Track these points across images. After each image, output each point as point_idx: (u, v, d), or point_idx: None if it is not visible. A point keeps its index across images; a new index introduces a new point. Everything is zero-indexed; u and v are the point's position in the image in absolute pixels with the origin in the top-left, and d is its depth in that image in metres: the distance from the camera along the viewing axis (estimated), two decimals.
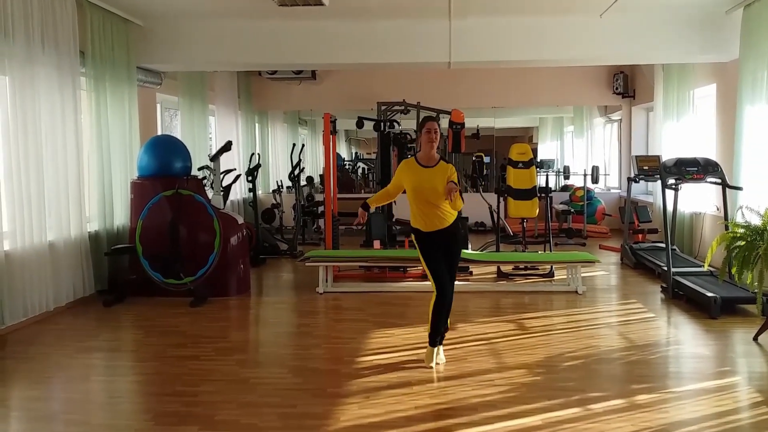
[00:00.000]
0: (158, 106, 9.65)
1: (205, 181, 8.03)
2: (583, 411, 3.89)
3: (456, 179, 4.65)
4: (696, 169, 7.24)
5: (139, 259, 6.91)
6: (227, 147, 8.14)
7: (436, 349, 4.79)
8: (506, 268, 8.15)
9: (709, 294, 6.10)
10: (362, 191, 14.43)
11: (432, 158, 4.72)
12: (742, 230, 5.25)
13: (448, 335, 5.00)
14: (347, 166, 15.56)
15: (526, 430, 3.63)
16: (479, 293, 7.29)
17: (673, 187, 7.46)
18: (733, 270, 5.30)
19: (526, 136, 16.04)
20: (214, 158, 8.19)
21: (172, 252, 6.91)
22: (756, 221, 5.27)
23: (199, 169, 8.49)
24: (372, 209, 5.04)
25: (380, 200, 5.08)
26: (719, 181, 7.18)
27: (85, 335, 5.82)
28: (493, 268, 8.21)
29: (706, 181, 7.29)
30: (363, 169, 15.69)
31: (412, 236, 4.85)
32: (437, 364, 4.76)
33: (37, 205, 6.15)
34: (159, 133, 9.30)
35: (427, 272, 4.78)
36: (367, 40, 8.26)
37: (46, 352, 5.27)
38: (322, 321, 6.48)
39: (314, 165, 15.04)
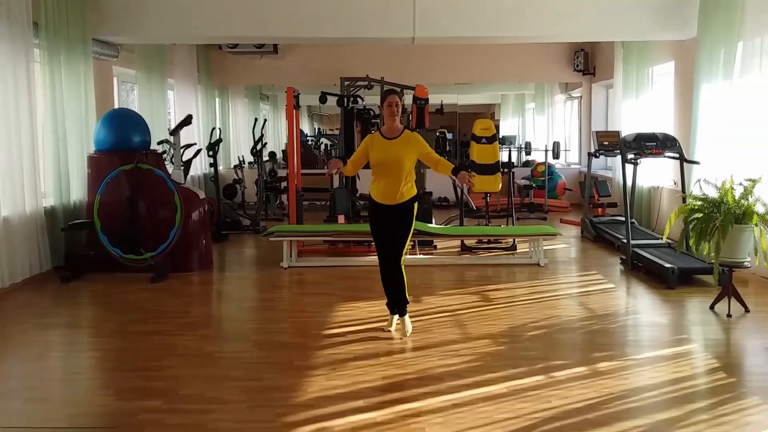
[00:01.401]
0: (115, 79, 9.41)
1: (164, 155, 7.87)
2: (546, 379, 3.96)
3: (425, 145, 4.74)
4: (655, 144, 7.36)
5: (98, 235, 6.76)
6: (187, 121, 7.99)
7: (393, 316, 4.94)
8: (470, 242, 8.20)
9: (667, 265, 6.24)
10: (325, 167, 14.31)
11: (396, 129, 4.75)
12: (699, 203, 5.35)
13: (412, 307, 5.03)
14: (310, 142, 15.43)
15: (492, 398, 3.67)
16: (443, 266, 7.33)
17: (633, 161, 7.58)
18: (691, 241, 5.42)
19: (488, 112, 16.09)
20: (174, 132, 8.04)
21: (132, 227, 6.78)
22: (713, 194, 5.38)
23: (159, 143, 8.32)
24: (345, 168, 4.82)
25: (350, 171, 4.94)
26: (677, 155, 7.32)
27: (42, 312, 5.69)
28: (457, 242, 8.25)
29: (665, 156, 7.42)
30: (326, 144, 15.58)
31: (369, 205, 4.94)
32: (406, 335, 4.79)
33: None
34: (116, 107, 9.07)
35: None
36: (330, 14, 8.12)
37: (1, 329, 5.14)
38: (286, 295, 6.45)
39: (276, 140, 14.87)
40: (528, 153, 12.70)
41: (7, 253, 6.17)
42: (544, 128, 14.43)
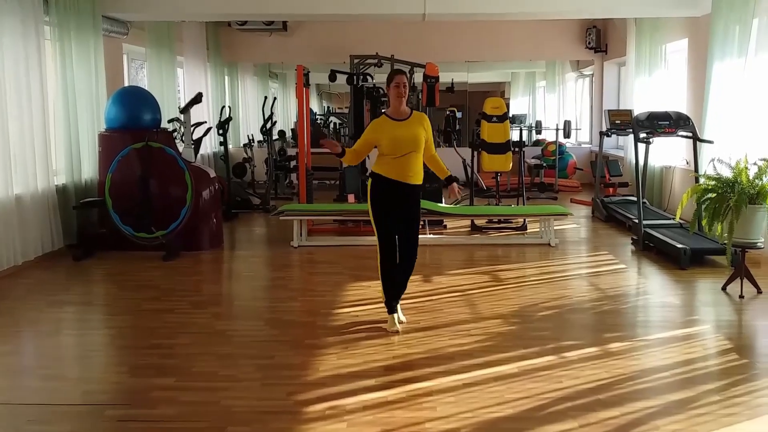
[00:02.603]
0: (124, 57, 9.38)
1: (175, 133, 7.87)
2: (558, 359, 3.96)
3: (430, 131, 4.55)
4: (668, 122, 7.29)
5: (109, 213, 6.78)
6: (198, 99, 7.96)
7: (395, 315, 4.55)
8: (480, 222, 8.19)
9: (679, 245, 6.21)
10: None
11: (404, 112, 4.44)
12: (713, 182, 5.31)
13: (423, 287, 5.02)
14: (319, 121, 15.38)
15: (503, 378, 3.68)
16: (453, 246, 7.33)
17: (645, 140, 7.51)
18: (704, 222, 5.38)
19: (498, 90, 15.96)
20: (185, 110, 8.01)
21: (143, 205, 6.80)
22: (727, 173, 5.33)
23: (169, 122, 8.31)
24: (345, 157, 4.55)
25: (350, 161, 4.71)
26: (690, 134, 7.25)
27: (55, 289, 5.73)
28: (467, 222, 8.24)
29: (678, 135, 7.35)
30: (335, 123, 15.52)
31: (369, 185, 4.49)
32: (401, 323, 4.57)
33: (2, 159, 5.99)
34: (126, 84, 9.05)
35: (374, 227, 4.46)
36: None
37: (15, 306, 5.20)
38: (297, 274, 6.47)
39: (285, 119, 14.83)
40: (539, 132, 12.62)
41: (20, 231, 6.20)
42: (555, 107, 14.32)
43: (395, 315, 4.55)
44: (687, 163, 8.38)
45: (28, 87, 6.35)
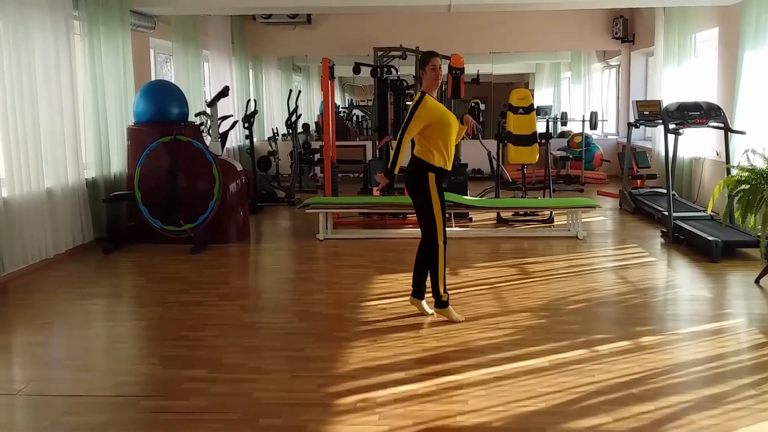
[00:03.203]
0: (151, 51, 9.45)
1: (202, 127, 7.91)
2: (589, 353, 3.92)
3: None
4: (698, 113, 7.18)
5: (138, 206, 6.85)
6: (224, 92, 7.99)
7: (450, 308, 4.57)
8: (506, 215, 8.13)
9: (710, 237, 6.11)
10: (357, 138, 14.30)
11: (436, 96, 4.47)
12: (746, 173, 5.22)
13: (450, 280, 4.97)
14: (342, 114, 15.38)
15: (534, 372, 3.66)
16: (479, 239, 7.29)
17: (675, 131, 7.40)
18: (737, 214, 5.30)
19: (523, 82, 15.86)
20: (212, 104, 8.05)
21: (171, 199, 6.85)
22: (761, 164, 5.24)
23: (196, 115, 8.36)
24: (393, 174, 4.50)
25: (404, 153, 4.43)
26: (722, 125, 7.13)
27: (85, 282, 5.80)
28: (493, 215, 8.19)
29: (709, 126, 7.23)
30: (358, 116, 15.52)
31: (430, 178, 4.37)
32: (432, 314, 4.60)
33: (34, 152, 6.05)
34: (152, 78, 9.12)
35: (441, 223, 4.41)
36: None
37: (47, 299, 5.26)
38: (323, 267, 6.48)
39: (309, 112, 14.86)
40: (564, 123, 12.49)
41: (51, 224, 6.27)
42: (581, 98, 14.17)
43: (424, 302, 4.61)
44: (717, 154, 8.26)
45: (58, 82, 6.42)
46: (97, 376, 3.81)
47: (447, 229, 4.50)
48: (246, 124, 9.74)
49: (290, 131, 10.85)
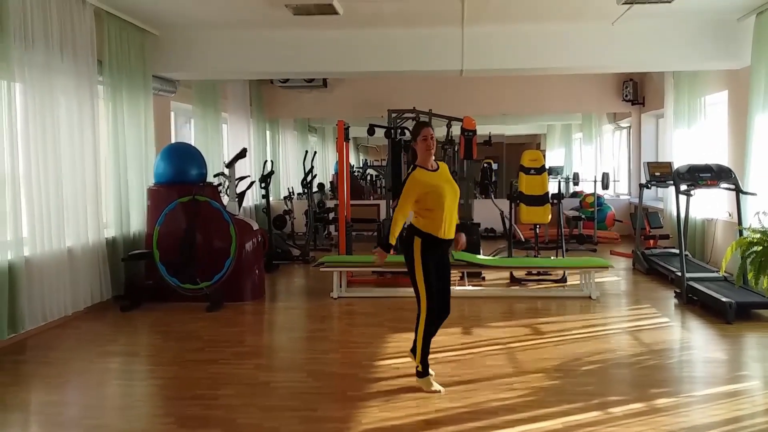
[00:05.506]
0: (172, 114, 9.73)
1: (220, 187, 8.08)
2: (603, 415, 3.91)
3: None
4: (709, 175, 7.27)
5: (155, 265, 6.96)
6: (242, 154, 8.20)
7: (428, 378, 4.43)
8: (519, 274, 8.17)
9: (725, 299, 6.11)
10: (371, 197, 14.48)
11: (433, 164, 4.42)
12: (758, 235, 5.24)
13: (463, 340, 4.99)
14: (356, 173, 15.62)
15: None
16: (492, 298, 7.31)
17: (687, 192, 7.48)
18: (750, 275, 5.30)
19: (534, 142, 16.08)
20: (230, 165, 8.25)
21: (189, 257, 6.96)
22: None
23: (215, 176, 8.55)
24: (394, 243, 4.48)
25: (399, 228, 4.45)
26: (733, 187, 7.20)
27: (103, 340, 5.87)
28: (506, 274, 8.23)
29: (720, 187, 7.30)
30: (371, 175, 15.75)
31: (416, 243, 4.36)
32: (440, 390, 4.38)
33: (56, 212, 6.21)
34: (173, 140, 9.37)
35: (423, 288, 4.35)
36: (380, 48, 8.34)
37: (64, 357, 5.33)
38: (337, 326, 6.52)
39: (324, 172, 15.10)
40: (576, 183, 12.61)
41: (71, 282, 6.39)
42: (592, 158, 14.33)
43: (430, 376, 4.46)
44: (729, 215, 8.29)
45: (81, 144, 6.63)
46: None
47: (458, 287, 4.50)
48: (263, 184, 9.93)
49: (305, 191, 11.04)
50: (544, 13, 7.69)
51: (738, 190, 7.16)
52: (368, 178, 15.80)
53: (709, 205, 8.87)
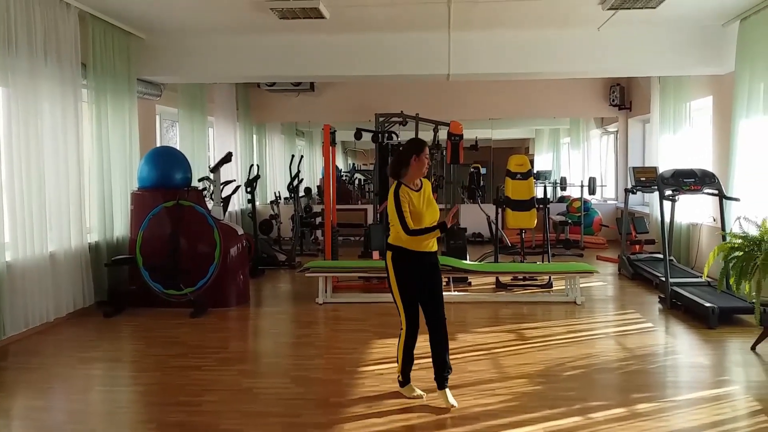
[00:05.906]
0: (157, 117, 9.69)
1: (205, 192, 8.06)
2: (584, 420, 3.93)
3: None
4: (693, 180, 7.31)
5: (139, 270, 6.92)
6: (228, 158, 8.18)
7: (410, 385, 4.41)
8: (505, 279, 8.18)
9: (707, 304, 6.15)
10: (359, 202, 14.48)
11: (417, 183, 4.31)
12: (739, 241, 5.29)
13: (450, 345, 4.95)
14: (344, 178, 15.61)
15: None
16: (478, 303, 7.32)
17: (671, 198, 7.52)
18: (731, 280, 5.35)
19: (522, 147, 16.13)
20: (215, 169, 8.23)
21: (173, 263, 6.93)
22: (753, 232, 5.32)
23: (200, 181, 8.52)
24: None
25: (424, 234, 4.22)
26: (716, 192, 7.25)
27: (86, 346, 5.82)
28: (492, 279, 8.24)
29: (704, 192, 7.35)
30: (359, 180, 15.75)
31: (387, 256, 4.30)
32: (453, 406, 4.17)
33: (39, 216, 6.16)
34: (158, 144, 9.33)
35: (400, 303, 4.25)
36: (367, 52, 8.34)
37: (47, 363, 5.29)
38: (322, 331, 6.50)
39: (311, 176, 15.09)
40: (563, 188, 12.66)
41: (54, 287, 6.35)
42: (579, 163, 14.40)
43: (412, 385, 4.42)
44: (714, 220, 8.35)
45: (65, 148, 6.59)
46: None
47: (446, 293, 4.45)
48: (248, 189, 9.90)
49: (292, 195, 11.02)
50: (530, 18, 7.72)
51: (721, 195, 7.21)
52: (356, 182, 15.80)
53: (695, 209, 8.93)
